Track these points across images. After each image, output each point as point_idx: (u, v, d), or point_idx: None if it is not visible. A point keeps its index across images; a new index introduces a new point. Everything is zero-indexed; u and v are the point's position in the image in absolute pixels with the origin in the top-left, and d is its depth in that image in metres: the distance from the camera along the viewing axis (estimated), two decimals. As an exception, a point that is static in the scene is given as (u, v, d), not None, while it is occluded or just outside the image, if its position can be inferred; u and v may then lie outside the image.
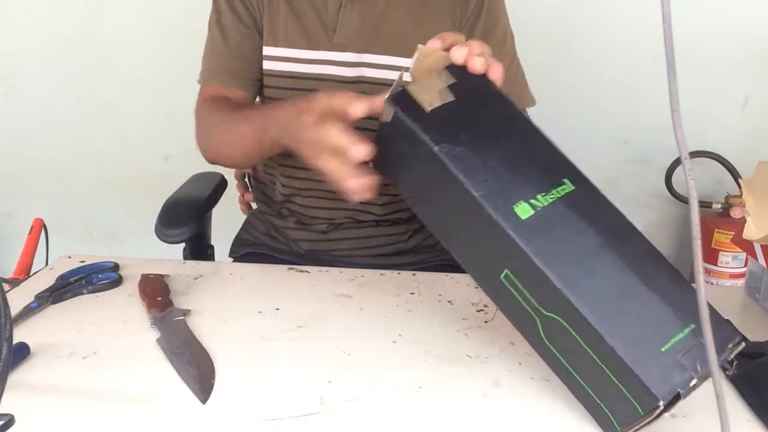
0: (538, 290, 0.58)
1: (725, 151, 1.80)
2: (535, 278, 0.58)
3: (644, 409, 0.54)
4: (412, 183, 0.67)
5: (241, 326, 0.78)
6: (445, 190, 0.62)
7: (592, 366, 0.57)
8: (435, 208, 0.66)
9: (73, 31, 1.89)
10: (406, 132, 0.62)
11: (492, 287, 0.63)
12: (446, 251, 1.21)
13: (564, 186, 0.61)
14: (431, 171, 0.62)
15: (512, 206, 0.59)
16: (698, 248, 0.47)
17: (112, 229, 2.07)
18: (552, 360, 0.61)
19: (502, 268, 0.60)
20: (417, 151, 0.62)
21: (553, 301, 0.57)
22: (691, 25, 1.56)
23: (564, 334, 0.58)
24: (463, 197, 0.60)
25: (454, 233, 0.65)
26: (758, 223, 0.74)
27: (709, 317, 0.47)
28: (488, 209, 0.58)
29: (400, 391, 0.65)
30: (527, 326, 0.61)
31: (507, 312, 0.64)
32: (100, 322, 0.78)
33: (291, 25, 1.01)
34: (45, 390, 0.65)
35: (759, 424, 0.62)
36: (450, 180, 0.60)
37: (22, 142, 2.01)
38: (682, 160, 0.47)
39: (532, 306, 0.59)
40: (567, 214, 0.60)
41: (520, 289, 0.59)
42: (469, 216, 0.60)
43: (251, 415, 0.61)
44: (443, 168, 0.60)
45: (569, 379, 0.60)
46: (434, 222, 0.67)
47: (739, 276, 1.78)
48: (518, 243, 0.57)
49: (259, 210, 1.20)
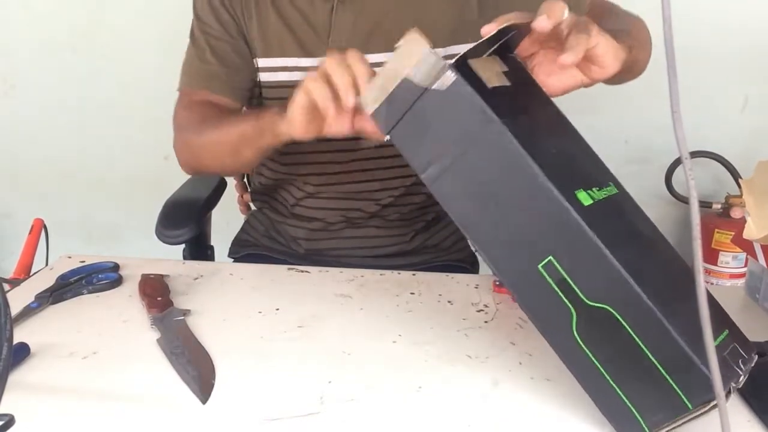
0: (592, 279, 0.57)
1: (725, 151, 1.80)
2: (592, 266, 0.56)
3: (695, 402, 0.53)
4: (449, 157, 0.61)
5: (241, 326, 0.78)
6: (502, 168, 0.59)
7: (635, 360, 0.55)
8: (472, 190, 0.61)
9: (73, 31, 1.89)
10: (465, 101, 0.59)
11: (523, 277, 0.60)
12: (448, 252, 1.22)
13: (610, 188, 0.63)
14: (488, 146, 0.59)
15: (574, 191, 0.58)
16: (698, 248, 0.47)
17: (112, 229, 2.07)
18: (576, 357, 0.58)
19: (545, 255, 0.58)
20: (474, 124, 0.59)
21: (610, 290, 0.56)
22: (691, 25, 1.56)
23: (608, 326, 0.56)
24: (524, 176, 0.57)
25: (490, 216, 0.60)
26: (758, 223, 0.74)
27: (708, 317, 0.48)
28: (554, 190, 0.56)
29: (400, 391, 0.65)
30: (556, 319, 0.58)
31: (533, 304, 0.60)
32: (100, 322, 0.78)
33: (283, 35, 1.00)
34: (45, 390, 0.65)
35: (759, 424, 0.62)
36: (511, 157, 0.58)
37: (22, 142, 2.00)
38: (682, 160, 0.47)
39: (573, 296, 0.57)
40: (618, 210, 0.61)
41: (563, 277, 0.57)
42: (524, 197, 0.58)
43: (251, 415, 0.61)
44: (506, 143, 0.58)
45: (593, 377, 0.58)
46: (464, 202, 0.62)
47: (739, 276, 1.78)
48: (583, 226, 0.56)
49: (259, 210, 1.20)
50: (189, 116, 1.01)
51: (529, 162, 0.57)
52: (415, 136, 0.62)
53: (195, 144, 0.98)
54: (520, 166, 0.58)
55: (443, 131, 0.61)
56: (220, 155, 0.96)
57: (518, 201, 0.59)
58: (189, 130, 0.99)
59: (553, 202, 0.57)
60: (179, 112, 1.03)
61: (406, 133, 0.62)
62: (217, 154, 0.96)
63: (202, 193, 1.21)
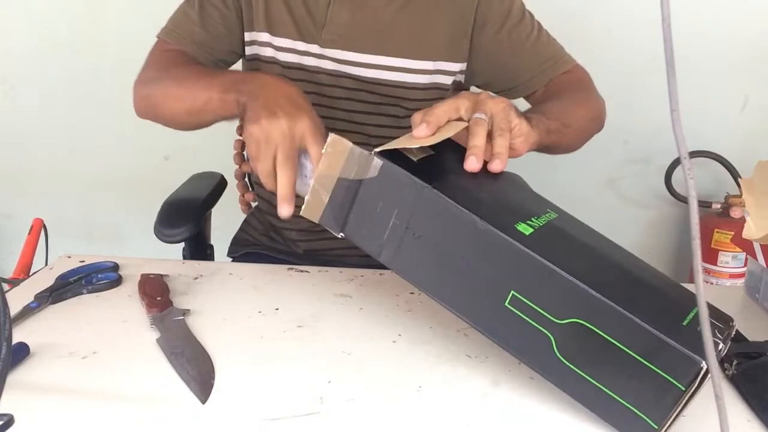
0: (554, 299, 0.59)
1: (725, 151, 1.80)
2: (549, 287, 0.59)
3: (684, 381, 0.55)
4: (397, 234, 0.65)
5: (241, 326, 0.78)
6: (444, 227, 0.63)
7: (619, 362, 0.57)
8: (426, 256, 0.64)
9: (73, 31, 1.89)
10: (396, 180, 0.64)
11: (495, 319, 0.62)
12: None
13: (549, 214, 0.68)
14: (427, 211, 0.63)
15: (514, 225, 0.62)
16: (698, 248, 0.47)
17: (112, 229, 2.07)
18: (567, 378, 0.60)
19: (507, 292, 0.60)
20: (409, 196, 0.63)
21: (572, 303, 0.58)
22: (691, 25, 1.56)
23: (585, 337, 0.58)
24: (465, 228, 0.61)
25: (449, 275, 0.64)
26: (758, 223, 0.74)
27: (708, 317, 0.48)
28: (494, 230, 0.60)
29: (400, 391, 0.65)
30: (538, 348, 0.60)
31: (513, 341, 0.62)
32: (100, 322, 0.78)
33: (285, 15, 1.01)
34: (45, 390, 0.65)
35: (759, 424, 0.62)
36: (449, 214, 0.62)
37: (22, 141, 2.01)
38: (681, 160, 0.47)
39: (545, 321, 0.60)
40: (559, 231, 0.66)
41: (530, 306, 0.60)
42: (470, 246, 0.62)
43: (251, 415, 0.61)
44: (441, 204, 0.62)
45: (590, 392, 0.59)
46: (423, 270, 0.65)
47: (739, 276, 1.78)
48: (530, 253, 0.59)
49: (258, 209, 1.20)
50: (158, 63, 1.00)
51: (464, 213, 0.61)
52: (364, 225, 0.66)
53: (156, 94, 0.95)
54: (459, 219, 0.62)
55: (386, 212, 0.65)
56: (180, 113, 0.91)
57: (467, 251, 0.62)
58: (153, 79, 0.97)
59: (497, 241, 0.60)
60: (151, 56, 1.03)
61: (356, 225, 0.67)
62: (177, 111, 0.91)
63: (202, 192, 1.21)
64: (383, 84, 1.02)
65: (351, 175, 0.66)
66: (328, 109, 1.03)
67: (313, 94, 1.02)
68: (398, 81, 1.02)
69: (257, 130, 0.73)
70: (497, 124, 0.71)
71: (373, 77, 1.02)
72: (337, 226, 0.67)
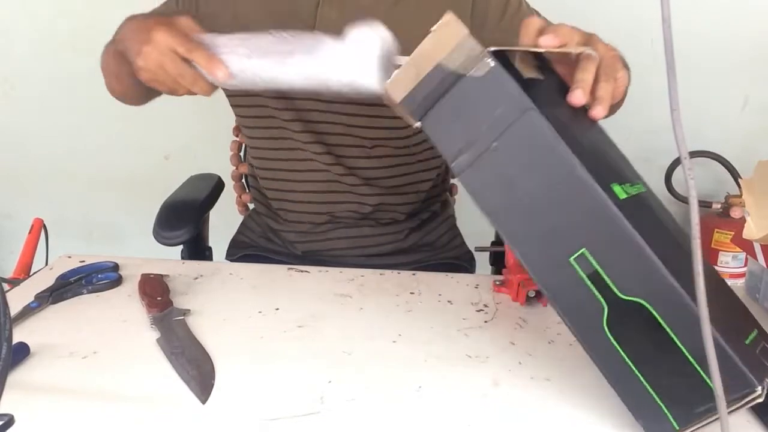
0: (626, 272, 0.56)
1: (725, 151, 1.80)
2: (628, 259, 0.55)
3: (729, 397, 0.52)
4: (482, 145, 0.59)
5: (241, 326, 0.78)
6: (537, 157, 0.57)
7: (668, 356, 0.55)
8: (503, 179, 0.59)
9: (73, 31, 1.89)
10: (502, 88, 0.58)
11: (553, 270, 0.59)
12: (445, 250, 1.22)
13: (639, 185, 0.62)
14: (524, 134, 0.57)
15: (610, 184, 0.57)
16: (698, 248, 0.47)
17: (112, 229, 2.07)
18: (605, 352, 0.57)
19: (578, 247, 0.57)
20: (510, 111, 0.57)
21: (645, 283, 0.55)
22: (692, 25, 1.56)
23: (641, 320, 0.55)
24: (561, 166, 0.56)
25: (522, 207, 0.59)
26: (758, 223, 0.74)
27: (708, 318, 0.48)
28: (592, 180, 0.55)
29: (400, 391, 0.65)
30: (586, 313, 0.58)
31: (562, 298, 0.59)
32: (100, 322, 0.78)
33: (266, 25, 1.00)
34: (45, 390, 0.65)
35: (759, 424, 0.62)
36: (548, 146, 0.57)
37: (22, 142, 2.01)
38: (681, 160, 0.47)
39: (606, 290, 0.56)
40: (648, 208, 0.61)
41: (596, 270, 0.56)
42: (558, 186, 0.57)
43: (251, 415, 0.61)
44: (543, 132, 0.57)
45: (622, 374, 0.57)
46: (495, 193, 0.60)
47: (739, 276, 1.78)
48: (621, 218, 0.55)
49: (255, 211, 1.20)
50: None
51: (566, 151, 0.56)
52: (448, 123, 0.60)
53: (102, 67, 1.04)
54: (557, 156, 0.56)
55: (477, 119, 0.59)
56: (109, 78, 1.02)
57: (552, 190, 0.57)
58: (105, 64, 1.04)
59: (591, 193, 0.56)
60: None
61: (438, 120, 0.61)
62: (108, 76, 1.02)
63: (200, 195, 1.20)
64: None
65: (453, 66, 0.59)
66: (321, 113, 1.01)
67: (310, 99, 1.01)
68: None
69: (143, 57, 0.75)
70: (604, 68, 0.66)
71: None
72: (416, 114, 0.61)
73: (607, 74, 0.65)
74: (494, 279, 0.89)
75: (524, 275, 0.83)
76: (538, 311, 0.82)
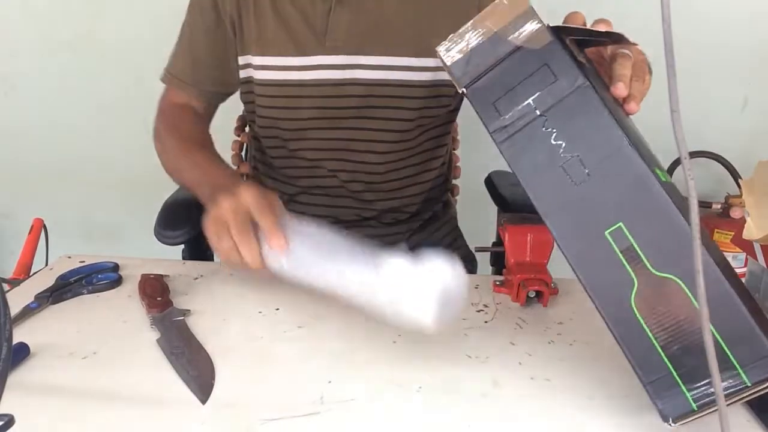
0: (662, 249, 0.57)
1: (725, 151, 1.80)
2: (666, 236, 0.56)
3: (753, 378, 0.53)
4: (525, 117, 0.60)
5: (241, 326, 0.78)
6: (581, 132, 0.59)
7: (694, 334, 0.55)
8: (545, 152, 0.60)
9: (73, 31, 1.89)
10: (558, 61, 0.59)
11: (586, 242, 0.59)
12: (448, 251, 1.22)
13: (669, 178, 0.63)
14: (575, 108, 0.59)
15: (653, 167, 0.58)
16: (698, 248, 0.47)
17: (112, 229, 2.07)
18: (630, 327, 0.58)
19: (615, 221, 0.58)
20: (564, 85, 0.58)
21: (680, 260, 0.55)
22: (691, 26, 1.56)
23: (672, 297, 0.56)
24: (608, 142, 0.58)
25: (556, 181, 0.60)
26: (758, 223, 0.74)
27: (708, 317, 0.48)
28: (639, 159, 0.57)
29: (400, 391, 0.65)
30: (615, 287, 0.58)
31: (591, 271, 0.59)
32: (100, 322, 0.78)
33: (279, 33, 1.00)
34: (45, 390, 0.65)
35: (759, 424, 0.62)
36: (598, 121, 0.58)
37: (22, 142, 2.00)
38: (682, 160, 0.47)
39: (639, 266, 0.57)
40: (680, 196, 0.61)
41: (631, 245, 0.57)
42: (603, 161, 0.58)
43: (251, 415, 0.61)
44: (595, 107, 0.58)
45: (644, 349, 0.57)
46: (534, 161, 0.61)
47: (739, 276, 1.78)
48: (664, 194, 0.56)
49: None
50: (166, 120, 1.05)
51: (616, 127, 0.57)
52: (495, 93, 0.61)
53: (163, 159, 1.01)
54: (608, 131, 0.58)
55: (528, 90, 0.60)
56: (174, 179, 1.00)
57: (596, 164, 0.58)
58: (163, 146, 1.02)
59: (637, 169, 0.57)
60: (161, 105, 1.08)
61: (486, 88, 0.61)
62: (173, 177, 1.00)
63: (202, 194, 1.20)
64: (388, 84, 1.01)
65: (510, 35, 0.60)
66: (331, 119, 1.02)
67: (316, 108, 1.01)
68: (402, 80, 1.01)
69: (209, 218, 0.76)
70: (636, 70, 0.69)
71: (378, 78, 1.00)
72: (464, 79, 0.62)
73: (638, 75, 0.68)
74: (494, 279, 0.89)
75: (524, 275, 0.83)
76: (538, 311, 0.83)
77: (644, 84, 0.70)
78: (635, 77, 0.67)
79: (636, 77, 0.67)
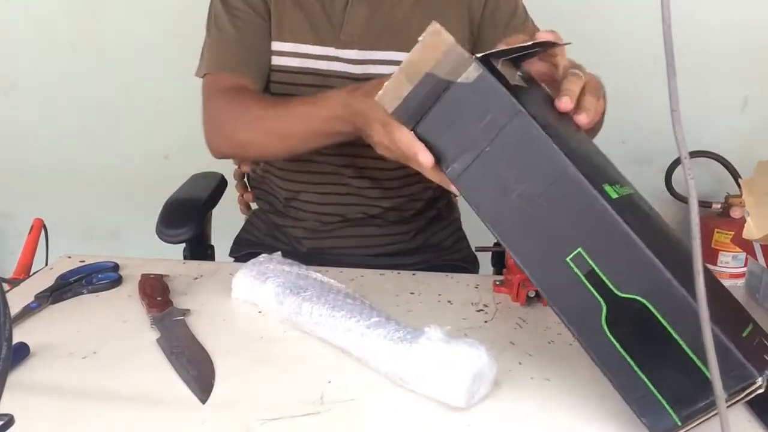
0: (622, 269, 0.56)
1: (725, 151, 1.80)
2: (623, 256, 0.56)
3: (730, 389, 0.52)
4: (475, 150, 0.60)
5: (241, 326, 0.78)
6: (529, 160, 0.58)
7: (667, 352, 0.55)
8: (497, 182, 0.60)
9: (73, 31, 1.89)
10: (491, 94, 0.59)
11: (550, 271, 0.59)
12: (449, 252, 1.22)
13: (628, 188, 0.63)
14: (516, 138, 0.58)
15: (602, 185, 0.58)
16: (698, 248, 0.47)
17: (112, 229, 2.07)
18: (605, 351, 0.58)
19: (573, 247, 0.57)
20: (501, 116, 0.58)
21: (641, 279, 0.55)
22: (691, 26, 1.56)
23: (639, 317, 0.55)
24: (553, 169, 0.57)
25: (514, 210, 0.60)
26: (758, 223, 0.74)
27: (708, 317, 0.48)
28: (585, 181, 0.56)
29: (400, 391, 0.65)
30: (585, 313, 0.58)
31: (560, 298, 0.60)
32: (100, 322, 0.78)
33: (298, 20, 1.01)
34: (45, 390, 0.65)
35: (759, 424, 0.62)
36: (540, 148, 0.58)
37: (22, 142, 2.00)
38: (682, 160, 0.47)
39: (604, 288, 0.57)
40: (639, 208, 0.62)
41: (592, 269, 0.57)
42: (551, 188, 0.58)
43: (251, 415, 0.61)
44: (534, 134, 0.58)
45: (623, 371, 0.57)
46: (490, 197, 0.61)
47: (739, 276, 1.78)
48: (616, 217, 0.56)
49: (260, 210, 1.20)
50: (229, 105, 0.97)
51: (557, 152, 0.57)
52: (440, 130, 0.62)
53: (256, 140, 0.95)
54: (549, 157, 0.58)
55: (469, 124, 0.60)
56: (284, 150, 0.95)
57: (546, 193, 0.58)
58: (235, 121, 0.96)
59: (584, 193, 0.57)
60: (214, 99, 1.00)
61: (432, 127, 0.62)
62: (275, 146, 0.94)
63: (203, 193, 1.21)
64: None
65: (442, 73, 0.60)
66: None
67: None
68: None
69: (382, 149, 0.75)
70: (589, 87, 0.69)
71: None
72: (410, 121, 0.63)
73: (591, 91, 0.69)
74: (494, 279, 0.89)
75: (524, 275, 0.83)
76: (538, 311, 0.83)
77: (599, 100, 0.70)
78: (589, 92, 0.68)
79: (590, 92, 0.68)
